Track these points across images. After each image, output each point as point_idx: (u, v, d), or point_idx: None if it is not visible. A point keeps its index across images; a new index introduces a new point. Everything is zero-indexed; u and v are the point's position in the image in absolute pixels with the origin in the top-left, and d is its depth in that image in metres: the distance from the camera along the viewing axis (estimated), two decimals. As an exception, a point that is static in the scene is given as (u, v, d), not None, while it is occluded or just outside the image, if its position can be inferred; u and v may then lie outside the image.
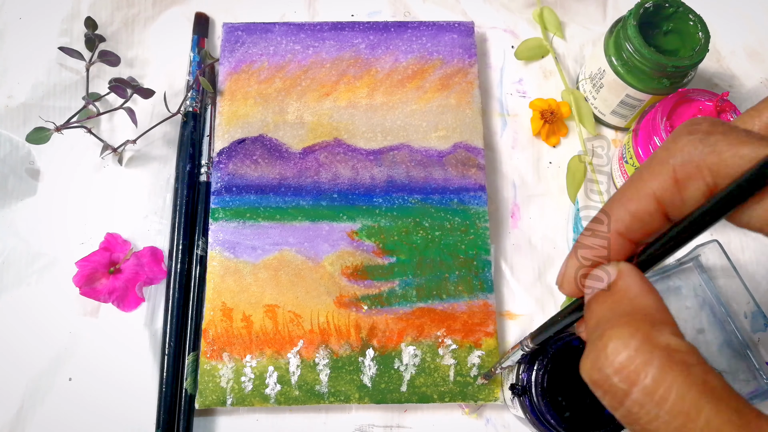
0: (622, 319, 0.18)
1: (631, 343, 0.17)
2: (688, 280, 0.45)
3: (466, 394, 0.41)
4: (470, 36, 0.50)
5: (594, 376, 0.18)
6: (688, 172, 0.19)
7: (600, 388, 0.18)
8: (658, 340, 0.17)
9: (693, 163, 0.19)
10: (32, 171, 0.48)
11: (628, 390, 0.17)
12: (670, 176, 0.19)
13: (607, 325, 0.18)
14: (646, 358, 0.17)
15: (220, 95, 0.48)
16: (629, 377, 0.17)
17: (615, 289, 0.20)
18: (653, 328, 0.18)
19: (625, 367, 0.17)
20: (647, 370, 0.17)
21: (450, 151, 0.47)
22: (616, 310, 0.19)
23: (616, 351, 0.17)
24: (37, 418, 0.42)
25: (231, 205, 0.45)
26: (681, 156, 0.19)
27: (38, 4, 0.51)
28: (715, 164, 0.18)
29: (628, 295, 0.19)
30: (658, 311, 0.19)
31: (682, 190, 0.19)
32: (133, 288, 0.44)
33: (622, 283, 0.20)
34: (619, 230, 0.21)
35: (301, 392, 0.41)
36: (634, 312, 0.19)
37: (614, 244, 0.21)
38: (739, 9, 0.55)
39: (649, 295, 0.19)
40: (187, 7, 0.53)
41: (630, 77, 0.45)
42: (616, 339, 0.18)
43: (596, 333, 0.19)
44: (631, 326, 0.18)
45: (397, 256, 0.44)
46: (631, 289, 0.19)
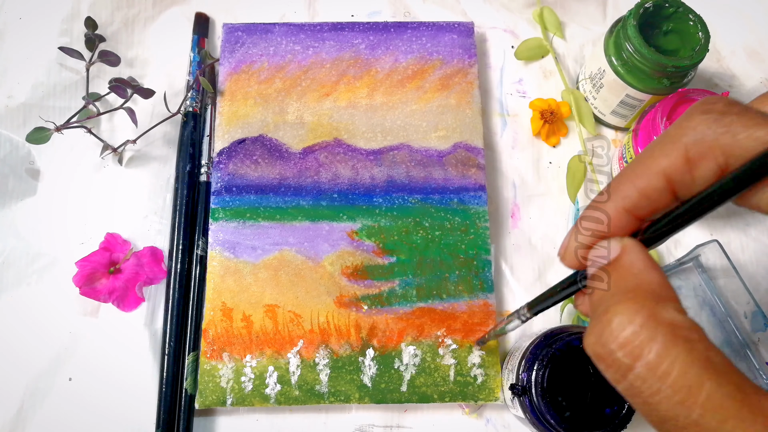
0: (627, 294, 0.18)
1: (636, 319, 0.17)
2: (688, 280, 0.45)
3: (466, 394, 0.41)
4: (470, 36, 0.50)
5: (598, 350, 0.18)
6: (700, 151, 0.19)
7: (604, 362, 0.18)
8: (662, 316, 0.17)
9: (706, 142, 0.19)
10: (32, 171, 0.48)
11: (631, 364, 0.17)
12: (681, 154, 0.19)
13: (612, 300, 0.18)
14: (650, 333, 0.17)
15: (220, 95, 0.48)
16: (633, 352, 0.17)
17: (619, 264, 0.20)
18: (658, 304, 0.18)
19: (630, 342, 0.17)
20: (651, 346, 0.17)
21: (450, 151, 0.47)
22: (621, 285, 0.19)
23: (621, 326, 0.18)
24: (37, 418, 0.42)
25: (231, 205, 0.45)
26: (694, 134, 0.19)
27: (38, 4, 0.51)
28: (728, 145, 0.18)
29: (632, 271, 0.19)
30: (662, 287, 0.19)
31: (693, 169, 0.19)
32: (133, 288, 0.44)
33: (626, 259, 0.20)
34: (625, 206, 0.20)
35: (301, 392, 0.41)
36: (638, 287, 0.19)
37: (620, 219, 0.21)
38: (739, 9, 0.55)
39: (653, 271, 0.19)
40: (187, 7, 0.53)
41: (630, 77, 0.45)
42: (621, 314, 0.18)
43: (601, 308, 0.19)
44: (636, 302, 0.18)
45: (397, 256, 0.44)
46: (635, 265, 0.19)
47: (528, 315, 0.31)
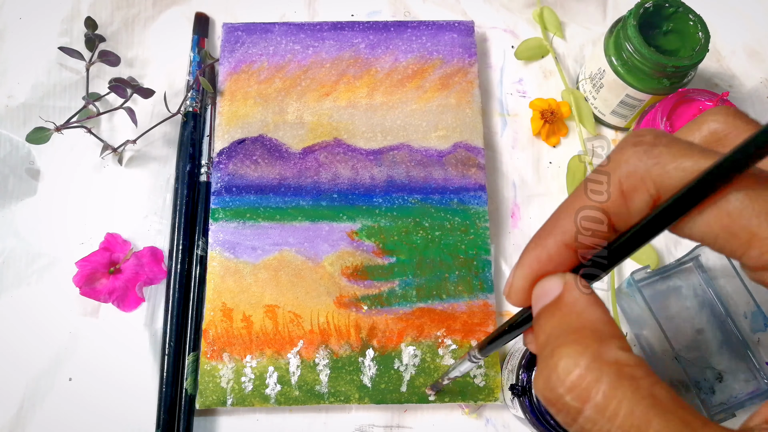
0: (571, 335, 0.18)
1: (581, 361, 0.18)
2: (688, 280, 0.45)
3: (466, 394, 0.41)
4: (470, 35, 0.50)
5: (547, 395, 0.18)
6: (633, 183, 0.19)
7: (554, 407, 0.18)
8: (606, 356, 0.18)
9: (638, 174, 0.19)
10: (32, 171, 0.48)
11: (580, 408, 0.17)
12: (616, 187, 0.19)
13: (557, 343, 0.18)
14: (596, 375, 0.17)
15: (220, 95, 0.48)
16: (581, 395, 0.17)
17: (562, 303, 0.20)
18: (602, 343, 0.18)
19: (577, 385, 0.17)
20: (598, 387, 0.17)
21: (450, 151, 0.47)
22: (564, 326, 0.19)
23: (567, 370, 0.18)
24: (37, 418, 0.42)
25: (231, 206, 0.45)
26: (626, 167, 0.19)
27: (38, 4, 0.51)
28: (658, 176, 0.18)
29: (575, 309, 0.19)
30: (606, 325, 0.19)
31: (628, 201, 0.19)
32: (133, 288, 0.44)
33: (568, 296, 0.20)
34: (565, 241, 0.21)
35: (301, 392, 0.41)
36: (582, 327, 0.19)
37: (560, 255, 0.21)
38: (739, 9, 0.55)
39: (596, 308, 0.19)
40: (187, 7, 0.53)
41: (630, 77, 0.45)
42: (566, 357, 0.18)
43: (547, 350, 0.19)
44: (579, 343, 0.18)
45: (397, 256, 0.44)
46: (577, 303, 0.20)
47: (479, 356, 0.31)
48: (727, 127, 0.21)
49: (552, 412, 0.18)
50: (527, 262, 0.21)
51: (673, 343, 0.42)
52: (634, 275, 0.42)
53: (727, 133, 0.21)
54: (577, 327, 0.19)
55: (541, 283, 0.21)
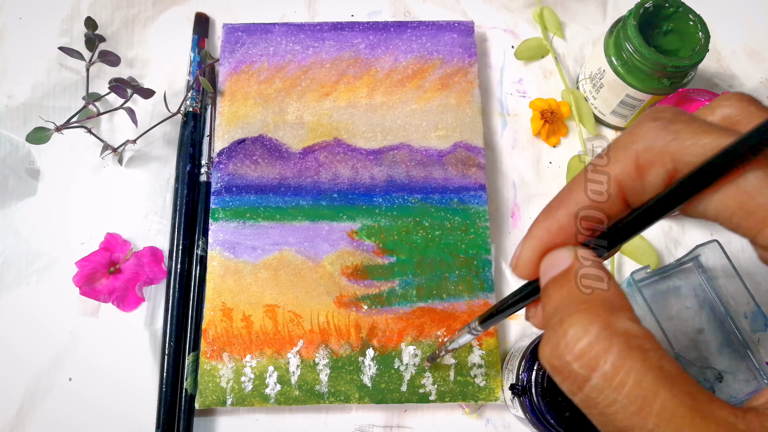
0: (581, 305, 0.19)
1: (590, 330, 0.18)
2: (688, 280, 0.45)
3: (466, 394, 0.41)
4: (470, 35, 0.50)
5: (554, 363, 0.18)
6: (650, 157, 0.19)
7: (560, 374, 0.18)
8: (616, 326, 0.18)
9: (655, 149, 0.19)
10: (32, 171, 0.48)
11: (587, 376, 0.17)
12: (632, 161, 0.19)
13: (566, 311, 0.18)
14: (605, 344, 0.17)
15: (220, 95, 0.48)
16: (589, 363, 0.17)
17: (572, 274, 0.20)
18: (612, 314, 0.18)
19: (585, 353, 0.17)
20: (607, 356, 0.17)
21: (450, 151, 0.47)
22: (574, 296, 0.19)
23: (576, 338, 0.18)
24: (37, 418, 0.42)
25: (231, 205, 0.45)
26: (644, 141, 0.19)
27: (38, 4, 0.51)
28: (677, 151, 0.18)
29: None
30: (616, 296, 0.19)
31: (644, 176, 0.19)
32: (133, 288, 0.44)
33: (578, 268, 0.20)
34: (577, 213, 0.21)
35: (301, 392, 0.41)
36: (592, 298, 0.19)
37: (572, 226, 0.21)
38: (739, 9, 0.55)
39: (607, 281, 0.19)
40: (187, 7, 0.53)
41: (630, 77, 0.45)
42: (575, 326, 0.18)
43: (555, 319, 0.19)
44: (590, 312, 0.18)
45: (397, 256, 0.44)
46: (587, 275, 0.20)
47: (479, 329, 0.30)
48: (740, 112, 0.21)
49: (557, 380, 0.18)
50: (537, 233, 0.21)
51: (673, 343, 0.42)
52: (634, 275, 0.42)
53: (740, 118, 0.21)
54: (588, 297, 0.19)
55: (550, 255, 0.21)
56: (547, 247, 0.21)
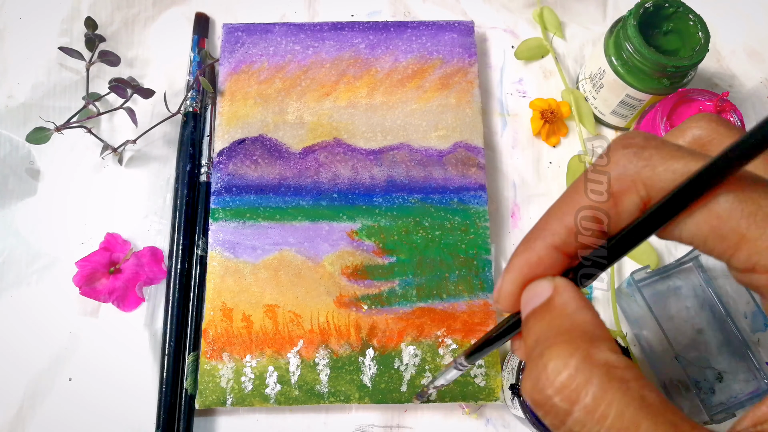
0: (561, 337, 0.18)
1: (570, 363, 0.17)
2: (688, 280, 0.45)
3: (466, 394, 0.41)
4: (470, 35, 0.50)
5: (536, 397, 0.18)
6: (623, 185, 0.19)
7: (542, 409, 0.18)
8: (597, 358, 0.17)
9: (628, 176, 0.19)
10: (32, 171, 0.48)
11: (569, 409, 0.17)
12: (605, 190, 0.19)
13: (546, 344, 0.18)
14: (586, 376, 0.17)
15: (220, 95, 0.48)
16: (570, 397, 0.17)
17: (552, 306, 0.20)
18: (592, 345, 0.18)
19: (566, 386, 0.17)
20: (588, 389, 0.17)
21: (450, 151, 0.47)
22: (554, 328, 0.19)
23: (557, 371, 0.17)
24: (37, 418, 0.42)
25: (231, 205, 0.45)
26: (616, 169, 0.19)
27: (38, 4, 0.51)
28: (649, 178, 0.19)
29: (566, 311, 0.19)
30: (596, 327, 0.19)
31: (618, 204, 0.19)
32: (133, 288, 0.44)
33: (558, 299, 0.20)
34: (554, 244, 0.20)
35: (301, 392, 0.41)
36: (572, 329, 0.19)
37: (549, 258, 0.21)
38: (739, 9, 0.55)
39: (586, 311, 0.19)
40: (187, 7, 0.53)
41: (630, 77, 0.45)
42: (556, 358, 0.18)
43: (536, 351, 0.19)
44: (570, 344, 0.18)
45: (397, 256, 0.44)
46: (568, 305, 0.19)
47: (465, 364, 0.30)
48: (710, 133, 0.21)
49: (540, 414, 0.18)
50: (517, 265, 0.21)
51: (673, 343, 0.42)
52: (634, 275, 0.42)
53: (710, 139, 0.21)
54: (568, 329, 0.19)
55: (530, 287, 0.21)
56: (527, 279, 0.21)
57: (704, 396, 0.42)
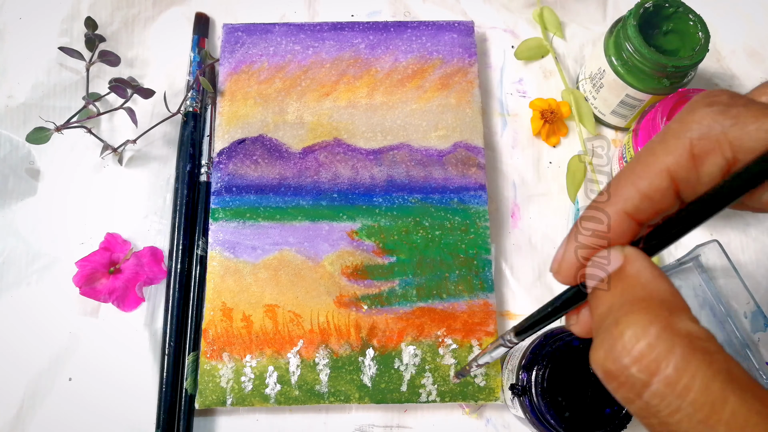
0: (639, 305, 0.17)
1: (650, 331, 0.16)
2: (688, 280, 0.45)
3: (466, 394, 0.41)
4: (470, 35, 0.50)
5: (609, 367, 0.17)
6: (706, 146, 0.18)
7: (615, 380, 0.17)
8: (678, 327, 0.16)
9: (712, 136, 0.18)
10: (32, 171, 0.48)
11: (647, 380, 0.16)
12: (686, 151, 0.18)
13: (622, 311, 0.17)
14: (667, 345, 0.16)
15: (220, 95, 0.48)
16: (649, 367, 0.16)
17: (623, 275, 0.18)
18: (672, 314, 0.17)
19: (645, 356, 0.16)
20: (669, 359, 0.16)
21: (450, 151, 0.47)
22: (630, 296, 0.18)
23: (635, 339, 0.16)
24: (37, 418, 0.42)
25: (231, 205, 0.45)
26: (699, 128, 0.18)
27: (38, 4, 0.51)
28: (737, 138, 0.17)
29: (640, 281, 0.18)
30: (674, 296, 0.18)
31: (699, 166, 0.18)
32: (133, 288, 0.44)
33: (630, 269, 0.18)
34: (626, 209, 0.19)
35: (301, 392, 0.41)
36: (649, 298, 0.17)
37: (620, 225, 0.19)
38: (739, 9, 0.55)
39: (662, 280, 0.18)
40: (187, 7, 0.53)
41: (630, 77, 0.45)
42: (634, 326, 0.16)
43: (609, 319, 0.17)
44: (649, 312, 0.17)
45: (397, 256, 0.44)
46: (641, 275, 0.18)
47: (515, 340, 0.29)
48: None
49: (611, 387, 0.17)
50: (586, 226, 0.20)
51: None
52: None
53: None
54: (644, 297, 0.17)
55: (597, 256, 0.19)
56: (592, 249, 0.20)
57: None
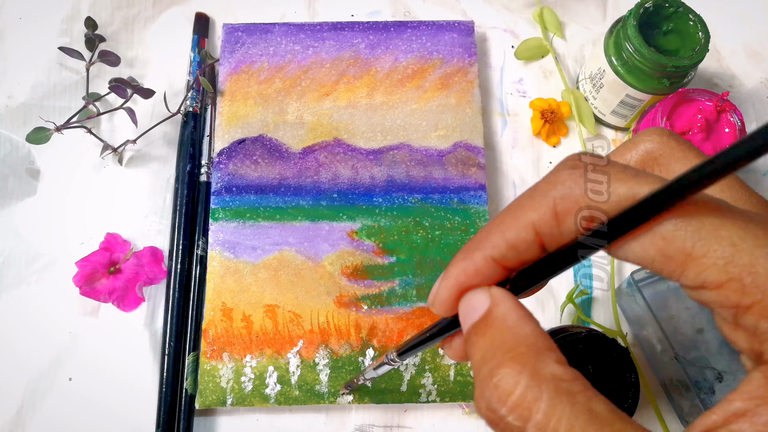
0: (508, 354, 0.18)
1: (521, 380, 0.18)
2: (688, 280, 0.45)
3: (466, 394, 0.41)
4: (470, 35, 0.50)
5: (490, 416, 0.18)
6: (567, 206, 0.19)
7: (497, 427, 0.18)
8: (544, 372, 0.18)
9: (572, 197, 0.19)
10: (32, 171, 0.48)
11: (523, 427, 0.17)
12: (550, 208, 0.19)
13: (494, 362, 0.18)
14: (536, 393, 0.17)
15: (220, 95, 0.48)
16: (523, 415, 0.17)
17: (491, 318, 0.20)
18: (539, 359, 0.18)
19: (518, 405, 0.17)
20: (538, 405, 0.17)
21: (450, 151, 0.47)
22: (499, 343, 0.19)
23: (508, 390, 0.18)
24: (37, 418, 0.42)
25: (231, 205, 0.45)
26: (562, 189, 0.19)
27: (38, 4, 0.51)
28: None
29: (507, 324, 0.19)
30: (539, 338, 0.19)
31: (561, 223, 0.19)
32: (133, 288, 0.44)
33: (497, 311, 0.20)
34: (493, 256, 0.20)
35: (301, 392, 0.41)
36: (517, 344, 0.19)
37: (487, 269, 0.21)
38: (739, 9, 0.55)
39: (527, 322, 0.19)
40: (187, 7, 0.53)
41: (630, 77, 0.45)
42: (506, 377, 0.18)
43: (485, 370, 0.19)
44: (517, 362, 0.18)
45: (397, 256, 0.44)
46: (508, 318, 0.19)
47: (397, 360, 0.30)
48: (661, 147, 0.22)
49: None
50: (453, 273, 0.21)
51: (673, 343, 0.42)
52: (634, 275, 0.42)
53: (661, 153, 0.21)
54: (512, 343, 0.19)
55: (467, 297, 0.21)
56: (463, 287, 0.21)
57: (704, 396, 0.42)
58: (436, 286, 0.22)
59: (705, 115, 0.44)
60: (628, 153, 0.23)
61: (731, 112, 0.44)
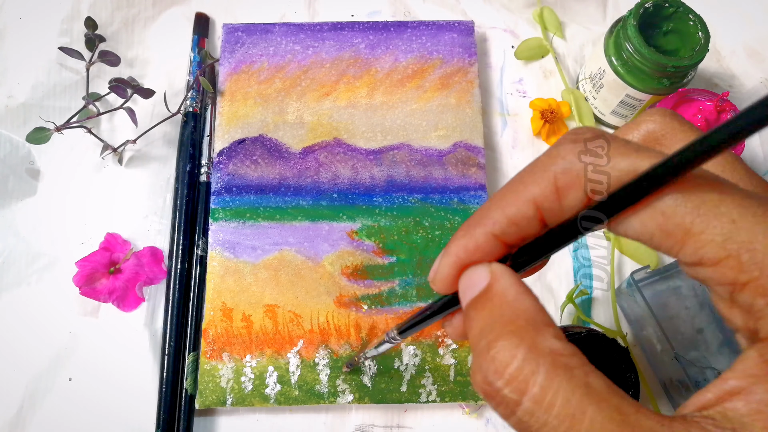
0: (506, 327, 0.18)
1: (518, 353, 0.18)
2: (688, 280, 0.45)
3: (466, 394, 0.41)
4: (470, 35, 0.50)
5: (486, 389, 0.18)
6: (568, 179, 0.19)
7: (493, 400, 0.18)
8: (542, 346, 0.18)
9: (573, 171, 0.19)
10: (32, 171, 0.48)
11: (519, 400, 0.17)
12: (551, 183, 0.19)
13: (492, 336, 0.18)
14: (533, 366, 0.17)
15: (220, 95, 0.48)
16: (519, 387, 0.17)
17: (491, 294, 0.20)
18: (537, 333, 0.18)
19: (515, 377, 0.17)
20: (535, 378, 0.17)
21: (450, 151, 0.47)
22: (498, 317, 0.19)
23: (505, 362, 0.18)
24: (37, 418, 0.42)
25: (231, 205, 0.45)
26: (563, 163, 0.19)
27: (38, 4, 0.51)
28: None
29: (506, 299, 0.19)
30: (538, 313, 0.19)
31: (562, 198, 0.19)
32: (133, 288, 0.44)
33: (497, 287, 0.20)
34: (494, 232, 0.20)
35: (301, 392, 0.41)
36: (515, 318, 0.19)
37: (488, 245, 0.21)
38: (739, 9, 0.55)
39: (526, 297, 0.19)
40: (187, 7, 0.53)
41: (630, 77, 0.45)
42: (503, 350, 0.18)
43: (482, 343, 0.19)
44: (515, 334, 0.18)
45: (397, 256, 0.44)
46: (507, 292, 0.19)
47: (398, 338, 0.30)
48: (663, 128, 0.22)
49: (491, 405, 0.18)
50: (454, 250, 0.21)
51: (673, 343, 0.42)
52: (634, 275, 0.42)
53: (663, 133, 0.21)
54: (511, 317, 0.19)
55: (467, 273, 0.21)
56: (464, 264, 0.21)
57: (704, 396, 0.41)
58: (436, 263, 0.22)
59: (705, 115, 0.44)
60: (630, 133, 0.23)
61: (731, 112, 0.44)
